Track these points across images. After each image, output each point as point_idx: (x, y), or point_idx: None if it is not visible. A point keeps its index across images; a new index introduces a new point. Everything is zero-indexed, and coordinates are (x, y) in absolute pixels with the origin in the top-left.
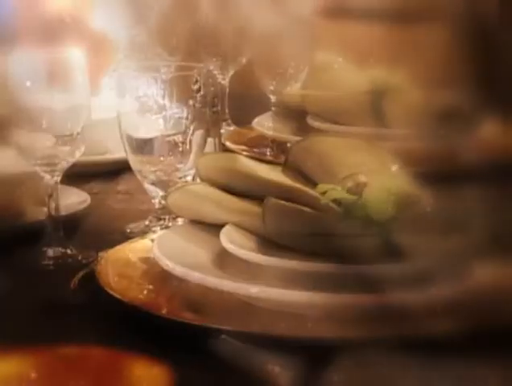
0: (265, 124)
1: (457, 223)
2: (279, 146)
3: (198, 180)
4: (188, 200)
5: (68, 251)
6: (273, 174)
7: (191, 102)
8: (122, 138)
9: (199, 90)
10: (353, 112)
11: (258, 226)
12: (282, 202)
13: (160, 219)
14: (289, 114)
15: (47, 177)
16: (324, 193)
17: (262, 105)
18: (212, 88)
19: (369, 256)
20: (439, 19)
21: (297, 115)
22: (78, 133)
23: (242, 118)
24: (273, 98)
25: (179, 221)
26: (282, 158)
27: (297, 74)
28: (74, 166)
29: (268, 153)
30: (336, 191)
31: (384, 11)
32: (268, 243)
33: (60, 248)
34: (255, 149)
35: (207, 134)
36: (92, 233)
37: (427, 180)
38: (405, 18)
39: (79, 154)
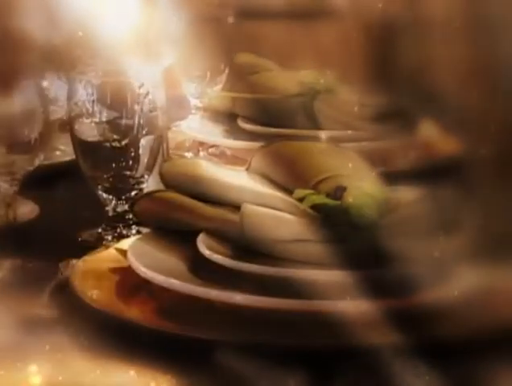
0: (192, 127)
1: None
2: (206, 150)
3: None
4: (158, 208)
5: (28, 262)
6: (241, 180)
7: (136, 107)
8: (73, 143)
9: (147, 94)
10: (284, 114)
11: (235, 232)
12: (261, 208)
13: (114, 227)
14: (217, 117)
15: (5, 186)
16: (301, 199)
17: (180, 108)
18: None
19: (353, 262)
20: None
21: (226, 118)
22: (36, 140)
23: None
24: (193, 101)
25: (133, 229)
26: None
27: (216, 76)
28: None
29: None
30: (317, 197)
31: (295, 12)
32: (246, 250)
33: (19, 260)
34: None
35: (160, 140)
36: (42, 243)
37: None
38: (312, 16)
39: (38, 162)
